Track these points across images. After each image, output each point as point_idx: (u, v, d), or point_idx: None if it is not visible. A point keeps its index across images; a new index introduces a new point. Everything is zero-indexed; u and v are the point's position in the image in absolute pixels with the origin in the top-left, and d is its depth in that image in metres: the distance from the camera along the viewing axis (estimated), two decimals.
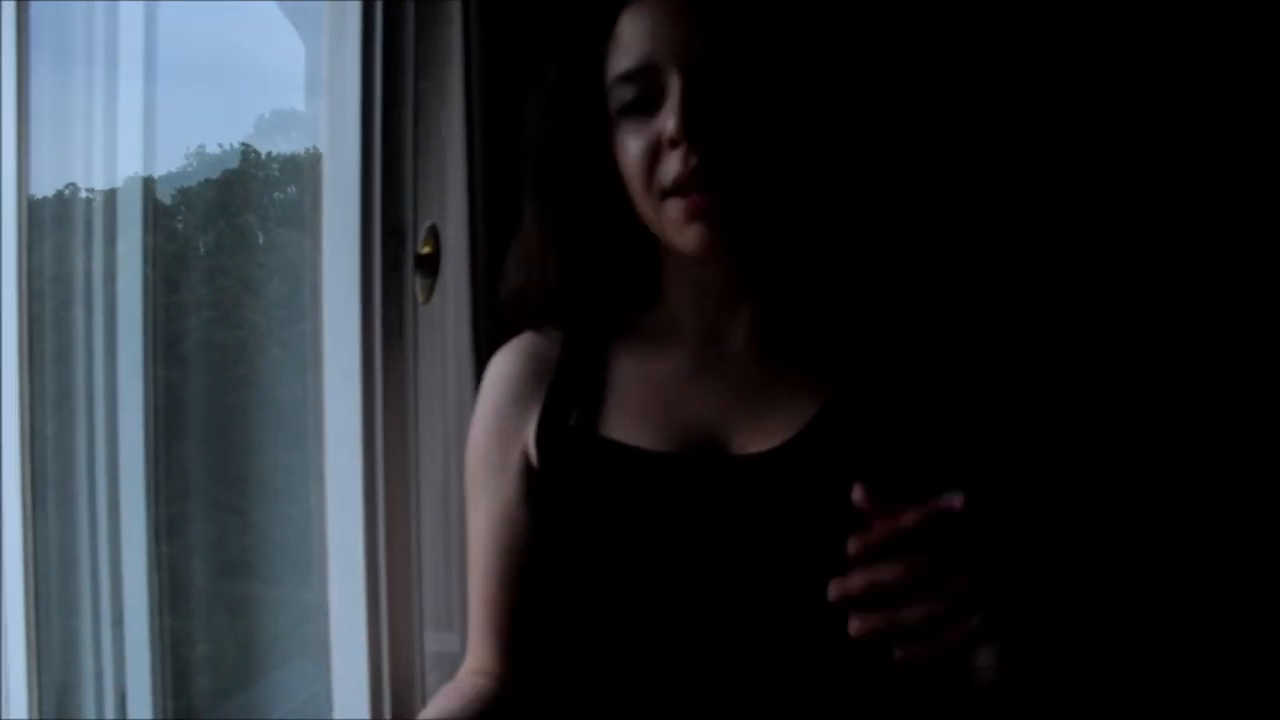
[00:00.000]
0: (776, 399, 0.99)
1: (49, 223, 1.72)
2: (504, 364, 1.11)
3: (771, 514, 0.95)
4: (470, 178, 1.33)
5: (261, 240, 1.94)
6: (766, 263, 1.00)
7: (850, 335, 1.01)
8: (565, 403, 1.04)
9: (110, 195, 1.75)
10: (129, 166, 1.75)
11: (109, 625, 1.68)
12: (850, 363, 0.99)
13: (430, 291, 1.28)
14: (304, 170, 1.82)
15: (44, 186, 1.70)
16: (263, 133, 1.90)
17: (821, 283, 1.01)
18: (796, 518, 0.94)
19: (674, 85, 0.92)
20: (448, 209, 1.34)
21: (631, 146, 0.96)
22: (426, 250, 1.28)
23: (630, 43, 0.96)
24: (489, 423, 1.09)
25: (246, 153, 1.90)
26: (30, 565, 1.61)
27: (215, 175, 1.92)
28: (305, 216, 1.79)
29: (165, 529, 1.71)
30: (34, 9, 1.55)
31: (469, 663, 1.12)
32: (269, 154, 1.91)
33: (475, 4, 1.32)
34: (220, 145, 1.90)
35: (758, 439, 0.97)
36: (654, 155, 0.94)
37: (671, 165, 0.93)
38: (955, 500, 0.75)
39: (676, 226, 0.95)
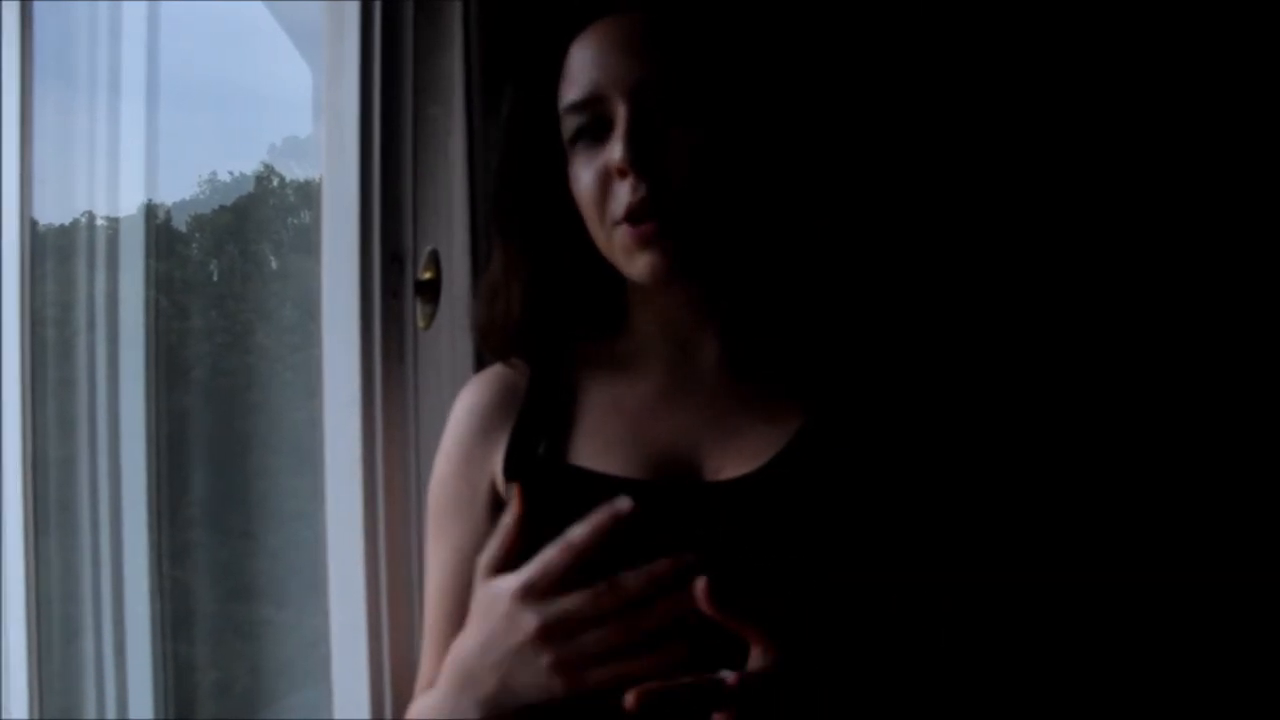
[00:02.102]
0: (749, 423, 0.97)
1: (52, 248, 1.73)
2: (471, 397, 1.09)
3: (747, 541, 0.94)
4: (472, 202, 1.32)
5: (274, 266, 1.95)
6: (729, 287, 0.99)
7: (823, 356, 1.00)
8: (534, 433, 1.03)
9: (114, 222, 1.76)
10: (132, 193, 1.76)
11: (111, 651, 1.68)
12: (824, 384, 0.98)
13: (431, 318, 1.28)
14: (313, 196, 1.83)
15: (48, 213, 1.71)
16: (272, 159, 1.91)
17: (788, 303, 1.00)
18: (772, 544, 0.92)
19: (620, 114, 0.92)
20: (451, 234, 1.34)
21: (583, 177, 0.95)
22: (427, 276, 1.27)
23: (578, 73, 0.95)
24: (456, 456, 1.07)
25: (255, 179, 1.91)
26: (33, 590, 1.61)
27: (224, 202, 1.94)
28: (312, 242, 1.80)
29: (168, 554, 1.71)
30: (39, 35, 1.56)
31: None
32: (278, 180, 1.92)
33: (476, 28, 1.32)
34: (230, 173, 1.91)
35: (732, 464, 0.96)
36: (605, 185, 0.94)
37: (621, 195, 0.92)
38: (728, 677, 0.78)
39: (628, 255, 0.94)
